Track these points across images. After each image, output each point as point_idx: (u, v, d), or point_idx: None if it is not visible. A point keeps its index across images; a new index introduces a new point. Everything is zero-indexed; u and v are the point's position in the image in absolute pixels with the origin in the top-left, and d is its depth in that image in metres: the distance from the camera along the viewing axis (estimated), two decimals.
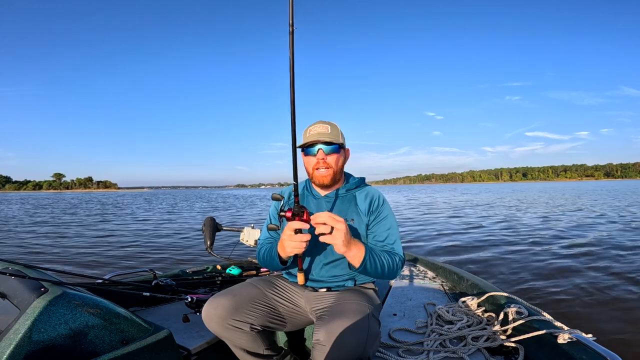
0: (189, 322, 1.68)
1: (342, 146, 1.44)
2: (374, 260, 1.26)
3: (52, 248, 7.43)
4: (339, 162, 1.44)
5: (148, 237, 8.95)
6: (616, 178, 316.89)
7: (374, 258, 1.26)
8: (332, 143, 1.40)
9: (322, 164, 1.40)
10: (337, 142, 1.40)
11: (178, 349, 1.19)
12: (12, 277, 1.12)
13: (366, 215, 1.43)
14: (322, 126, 1.42)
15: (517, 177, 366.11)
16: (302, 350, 1.64)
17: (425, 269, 2.78)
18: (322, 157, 1.40)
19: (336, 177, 1.44)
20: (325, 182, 1.42)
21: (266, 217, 1.62)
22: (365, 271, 1.26)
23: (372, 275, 1.30)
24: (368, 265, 1.24)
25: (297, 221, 1.17)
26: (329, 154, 1.41)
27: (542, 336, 1.31)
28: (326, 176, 1.41)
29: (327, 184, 1.43)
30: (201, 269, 2.45)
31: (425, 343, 1.49)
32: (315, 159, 1.41)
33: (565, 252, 5.98)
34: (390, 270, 1.31)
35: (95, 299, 1.09)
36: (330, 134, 1.41)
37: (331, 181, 1.43)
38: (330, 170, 1.41)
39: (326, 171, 1.41)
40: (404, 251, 1.45)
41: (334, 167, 1.42)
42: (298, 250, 1.21)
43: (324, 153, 1.40)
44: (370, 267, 1.25)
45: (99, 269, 5.39)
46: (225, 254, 2.76)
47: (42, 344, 0.94)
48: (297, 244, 1.19)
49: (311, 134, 1.41)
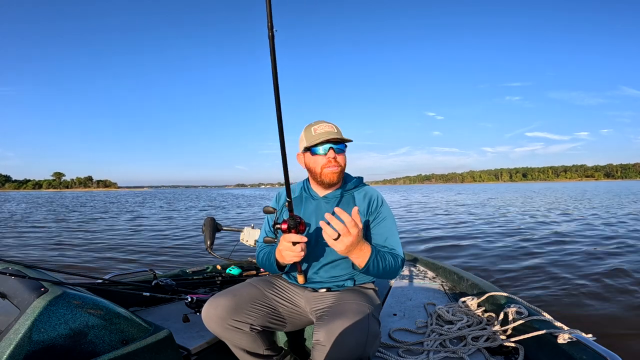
0: (189, 322, 1.68)
1: (346, 146, 1.46)
2: (378, 262, 1.25)
3: (52, 248, 7.43)
4: (345, 161, 1.46)
5: (148, 237, 8.95)
6: (616, 179, 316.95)
7: (378, 260, 1.25)
8: (342, 141, 1.42)
9: (333, 163, 1.41)
10: (345, 140, 1.43)
11: (178, 349, 1.19)
12: (12, 277, 1.12)
13: (365, 216, 1.42)
14: (329, 125, 1.43)
15: (517, 177, 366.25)
16: (302, 350, 1.64)
17: (425, 269, 2.78)
18: (333, 155, 1.40)
19: (341, 176, 1.46)
20: (334, 179, 1.43)
21: (264, 218, 1.61)
22: (367, 272, 1.26)
23: (374, 275, 1.30)
24: (371, 266, 1.24)
25: (294, 234, 1.17)
26: (338, 152, 1.42)
27: (542, 336, 1.31)
28: (336, 174, 1.42)
29: (336, 182, 1.44)
30: (201, 269, 2.45)
31: (425, 343, 1.49)
32: (325, 158, 1.41)
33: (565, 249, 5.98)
34: (391, 271, 1.30)
35: (95, 299, 1.09)
36: (338, 132, 1.42)
37: (339, 179, 1.45)
38: (340, 168, 1.43)
39: (336, 169, 1.41)
40: (404, 251, 1.45)
41: (343, 166, 1.44)
42: (296, 259, 1.22)
43: (334, 152, 1.41)
44: (373, 268, 1.24)
45: (99, 269, 5.39)
46: (225, 254, 2.76)
47: (42, 344, 0.94)
48: (295, 254, 1.19)
49: (320, 133, 1.40)
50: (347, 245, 1.12)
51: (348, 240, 1.11)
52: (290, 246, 1.18)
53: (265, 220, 1.59)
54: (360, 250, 1.19)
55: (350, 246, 1.13)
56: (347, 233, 1.10)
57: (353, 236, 1.12)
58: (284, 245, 1.20)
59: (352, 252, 1.18)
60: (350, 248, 1.15)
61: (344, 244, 1.11)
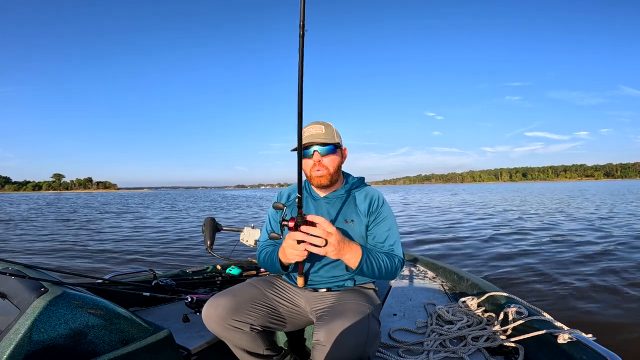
0: (189, 322, 1.68)
1: (337, 146, 1.42)
2: (371, 263, 1.25)
3: (53, 248, 7.43)
4: (334, 163, 1.41)
5: (148, 237, 8.95)
6: (616, 178, 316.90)
7: (370, 261, 1.25)
8: (327, 144, 1.38)
9: (319, 166, 1.39)
10: (332, 142, 1.38)
11: (178, 349, 1.19)
12: (12, 277, 1.12)
13: (366, 216, 1.42)
14: (316, 127, 1.40)
15: (517, 177, 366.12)
16: (302, 350, 1.64)
17: (425, 269, 2.78)
18: (318, 158, 1.38)
19: (333, 178, 1.42)
20: (322, 183, 1.41)
21: (265, 218, 1.61)
22: (361, 273, 1.26)
23: (369, 276, 1.30)
24: (365, 267, 1.24)
25: (300, 232, 1.14)
26: (324, 155, 1.39)
27: (542, 336, 1.31)
28: (323, 177, 1.40)
29: (325, 184, 1.42)
30: (201, 269, 2.44)
31: (425, 343, 1.49)
32: (312, 161, 1.39)
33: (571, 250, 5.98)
34: (388, 272, 1.30)
35: (95, 299, 1.09)
36: (325, 134, 1.39)
37: (328, 182, 1.42)
38: (327, 171, 1.40)
39: (323, 172, 1.39)
40: (404, 251, 1.45)
41: (330, 169, 1.40)
42: (300, 259, 1.21)
43: (320, 155, 1.38)
44: (367, 269, 1.25)
45: (99, 269, 5.39)
46: (225, 254, 2.76)
47: (42, 344, 0.94)
48: (299, 252, 1.18)
49: (305, 136, 1.38)
50: (335, 245, 1.13)
51: (334, 240, 1.12)
52: (294, 244, 1.16)
53: (267, 218, 1.59)
54: (350, 249, 1.20)
55: (339, 245, 1.14)
56: (328, 234, 1.12)
57: (334, 233, 1.13)
58: (288, 243, 1.18)
59: (344, 252, 1.18)
60: (341, 247, 1.16)
61: (333, 245, 1.12)
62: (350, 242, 1.22)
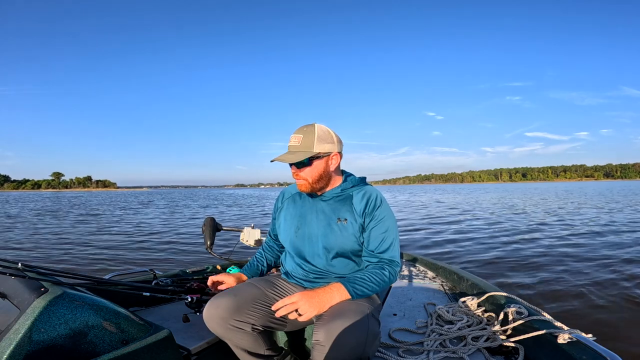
0: (189, 322, 1.68)
1: (316, 157, 1.36)
2: (361, 287, 1.26)
3: (53, 248, 7.43)
4: (314, 172, 1.37)
5: (148, 237, 8.95)
6: (616, 178, 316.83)
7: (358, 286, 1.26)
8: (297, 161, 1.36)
9: (297, 177, 1.39)
10: (306, 157, 1.33)
11: (178, 349, 1.19)
12: (12, 277, 1.12)
13: (360, 216, 1.38)
14: (295, 137, 1.37)
15: (517, 177, 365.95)
16: (302, 350, 1.64)
17: (425, 269, 2.78)
18: (294, 170, 1.38)
19: (316, 185, 1.39)
20: (304, 191, 1.42)
21: (268, 217, 1.62)
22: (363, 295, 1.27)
23: (372, 293, 1.30)
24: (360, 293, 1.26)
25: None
26: (300, 168, 1.37)
27: (542, 336, 1.31)
28: (303, 186, 1.40)
29: (307, 192, 1.42)
30: (201, 269, 2.44)
31: (425, 343, 1.49)
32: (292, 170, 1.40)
33: (564, 249, 5.98)
34: (384, 283, 1.31)
35: (95, 299, 1.09)
36: (300, 146, 1.35)
37: (310, 190, 1.41)
38: (304, 182, 1.38)
39: (302, 182, 1.39)
40: (403, 251, 1.44)
41: (309, 179, 1.37)
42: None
43: (296, 167, 1.37)
44: (362, 293, 1.27)
45: (99, 269, 5.39)
46: (225, 253, 2.76)
47: (42, 344, 0.94)
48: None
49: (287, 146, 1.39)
50: (310, 305, 1.18)
51: (304, 304, 1.17)
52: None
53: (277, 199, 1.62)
54: (330, 292, 1.23)
55: (313, 301, 1.19)
56: (292, 305, 1.18)
57: (298, 300, 1.18)
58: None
59: (324, 300, 1.21)
60: (319, 300, 1.20)
61: (306, 307, 1.17)
62: (327, 287, 1.24)
